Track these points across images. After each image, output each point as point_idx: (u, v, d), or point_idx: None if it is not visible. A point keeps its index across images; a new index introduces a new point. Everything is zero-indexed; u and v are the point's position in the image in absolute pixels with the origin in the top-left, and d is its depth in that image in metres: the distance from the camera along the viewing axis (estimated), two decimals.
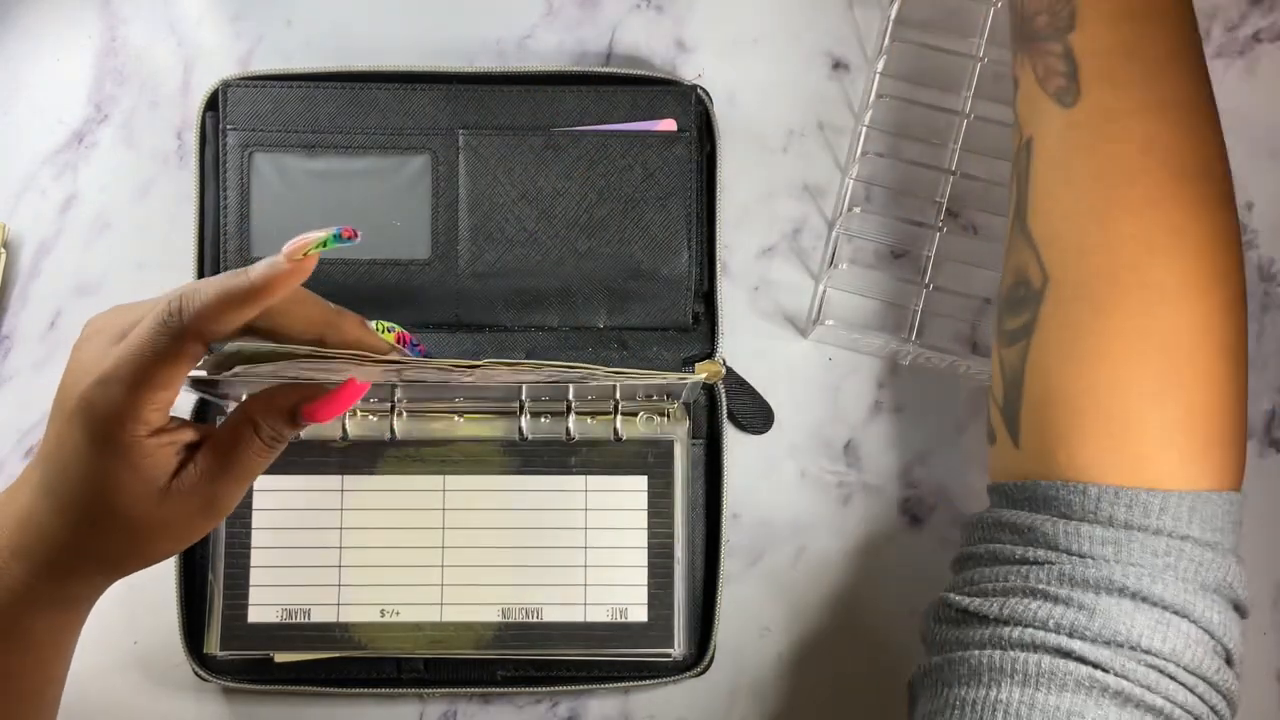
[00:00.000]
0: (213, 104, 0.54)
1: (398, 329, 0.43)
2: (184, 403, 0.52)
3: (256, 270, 0.37)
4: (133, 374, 0.37)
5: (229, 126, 0.54)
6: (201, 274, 0.54)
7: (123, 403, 0.37)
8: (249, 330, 0.40)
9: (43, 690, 0.42)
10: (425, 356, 0.44)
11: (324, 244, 0.37)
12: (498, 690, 0.53)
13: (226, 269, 0.53)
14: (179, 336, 0.37)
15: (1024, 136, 0.46)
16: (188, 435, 0.40)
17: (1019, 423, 0.44)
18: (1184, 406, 0.42)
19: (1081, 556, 0.41)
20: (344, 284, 0.53)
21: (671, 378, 0.48)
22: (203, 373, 0.40)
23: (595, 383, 0.47)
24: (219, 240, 0.54)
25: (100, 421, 0.37)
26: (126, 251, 0.57)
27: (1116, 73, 0.43)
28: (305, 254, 0.37)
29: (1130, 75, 0.43)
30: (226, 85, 0.54)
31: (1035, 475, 0.43)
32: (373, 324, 0.43)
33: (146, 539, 0.40)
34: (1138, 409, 0.41)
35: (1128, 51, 0.43)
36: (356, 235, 0.38)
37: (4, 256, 0.56)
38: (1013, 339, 0.45)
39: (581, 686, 0.53)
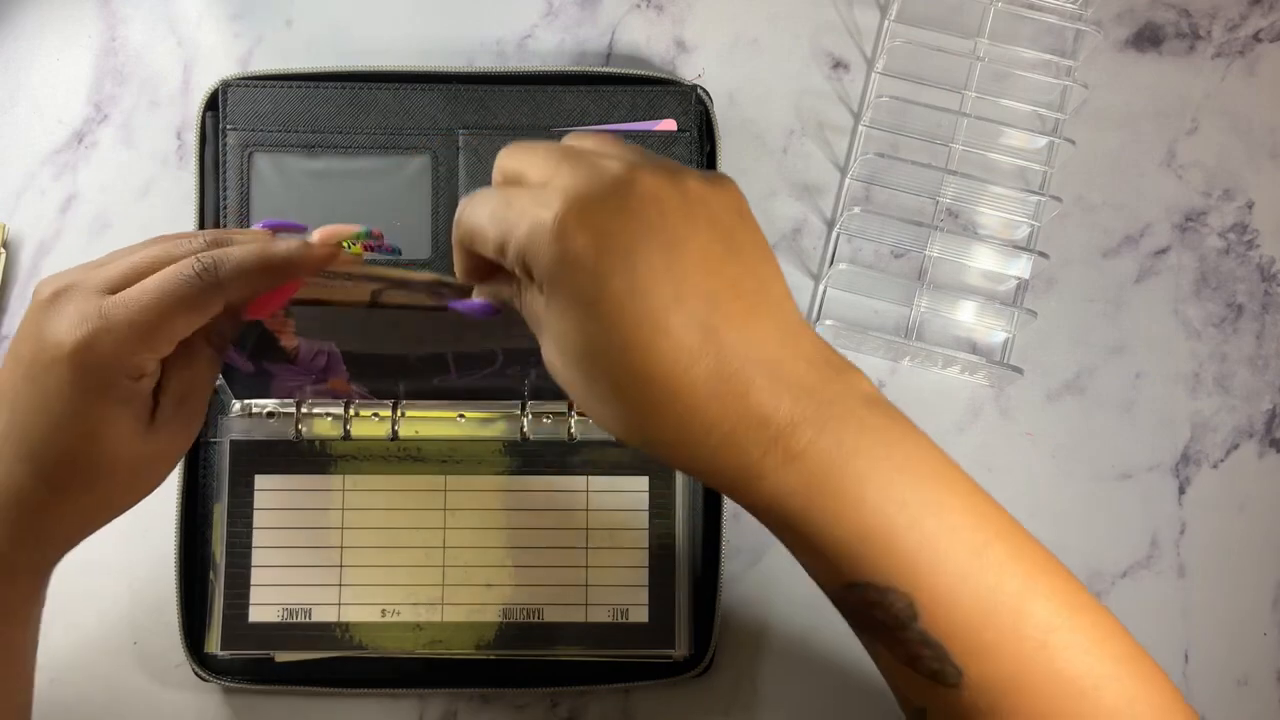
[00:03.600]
0: (213, 104, 0.54)
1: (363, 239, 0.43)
2: None
3: (290, 246, 0.38)
4: (151, 321, 0.37)
5: (229, 126, 0.54)
6: None
7: (129, 351, 0.37)
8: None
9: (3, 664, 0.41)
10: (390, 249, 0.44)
11: (355, 238, 0.40)
12: (498, 690, 0.53)
13: None
14: (209, 290, 0.37)
15: (914, 705, 0.37)
16: (153, 365, 0.40)
17: None
18: None
19: None
20: None
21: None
22: None
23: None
24: None
25: (102, 368, 0.37)
26: None
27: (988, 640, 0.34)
28: (340, 243, 0.39)
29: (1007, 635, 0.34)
30: (226, 85, 0.54)
31: None
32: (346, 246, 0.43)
33: (134, 477, 0.40)
34: None
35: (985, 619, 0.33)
36: (384, 239, 0.40)
37: (4, 256, 0.56)
38: None
39: (582, 686, 0.53)
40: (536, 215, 0.31)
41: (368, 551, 0.51)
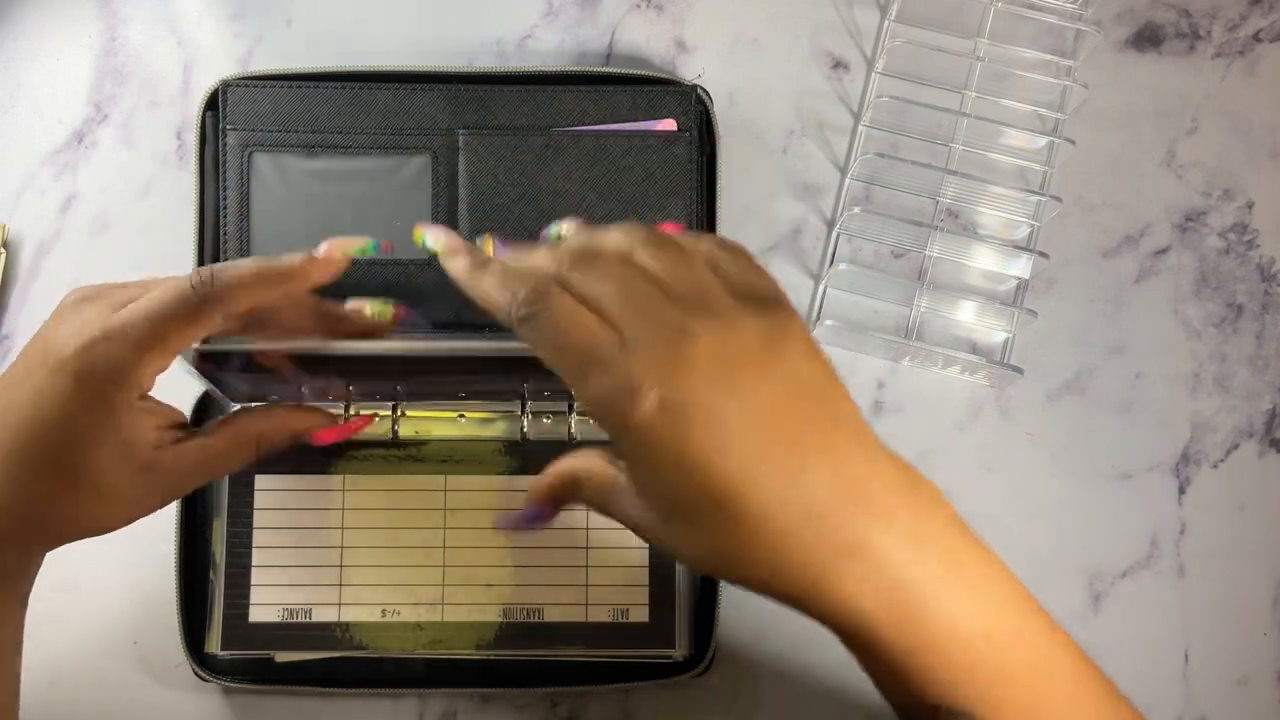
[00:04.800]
0: (213, 104, 0.54)
1: (392, 306, 0.44)
2: (184, 404, 0.52)
3: (291, 257, 0.40)
4: (145, 331, 0.37)
5: (229, 126, 0.54)
6: None
7: (125, 359, 0.37)
8: (252, 325, 0.41)
9: None
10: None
11: (362, 251, 0.41)
12: (498, 690, 0.53)
13: None
14: (204, 300, 0.38)
15: None
16: (176, 417, 0.41)
17: None
18: None
19: None
20: (344, 283, 0.53)
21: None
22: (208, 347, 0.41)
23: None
24: (219, 240, 0.54)
25: (96, 377, 0.37)
26: (126, 251, 0.57)
27: None
28: (344, 253, 0.41)
29: None
30: (226, 85, 0.54)
31: None
32: (367, 307, 0.44)
33: (103, 505, 0.39)
34: None
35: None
36: (391, 250, 0.42)
37: (4, 256, 0.56)
38: None
39: (582, 686, 0.53)
40: (612, 382, 0.31)
41: (368, 551, 0.51)
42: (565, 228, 0.40)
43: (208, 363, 0.42)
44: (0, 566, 0.40)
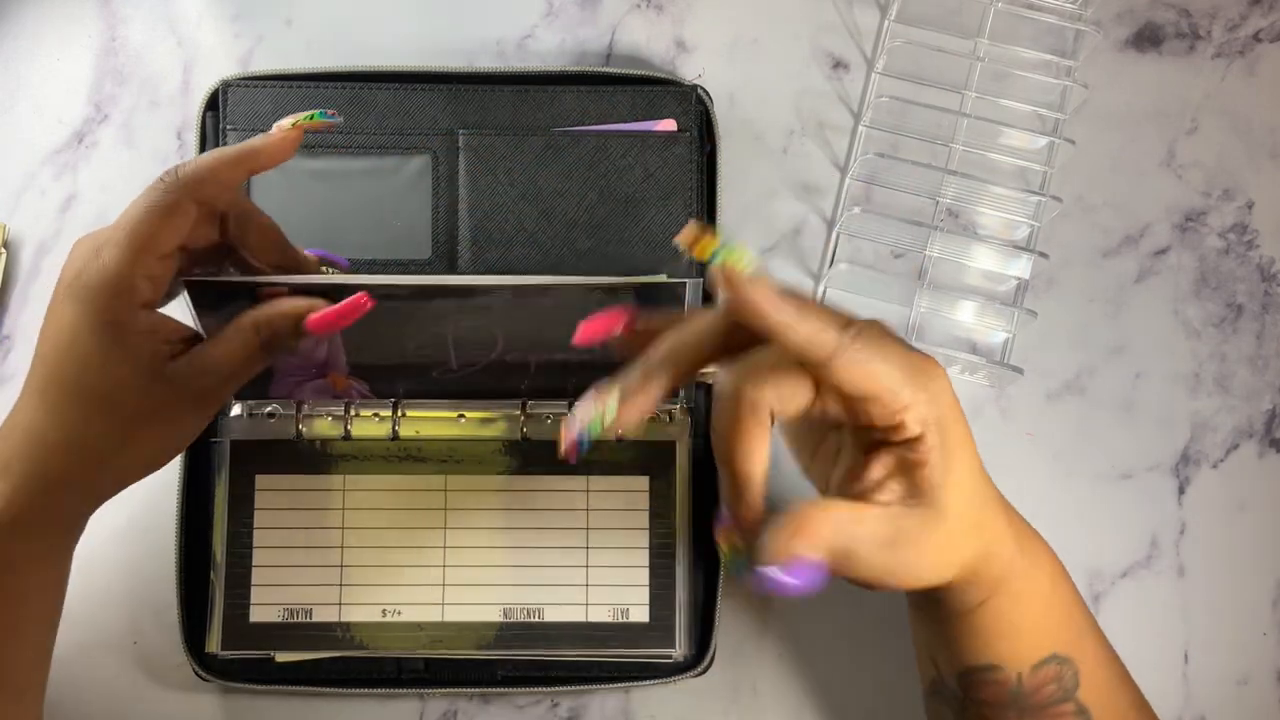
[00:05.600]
0: (213, 104, 0.54)
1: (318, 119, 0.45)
2: None
3: (250, 140, 0.42)
4: (128, 236, 0.39)
5: (229, 126, 0.54)
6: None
7: (116, 268, 0.39)
8: (222, 249, 0.43)
9: (22, 628, 0.42)
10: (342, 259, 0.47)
11: (310, 117, 0.43)
12: (498, 690, 0.53)
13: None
14: (172, 190, 0.39)
15: None
16: (182, 330, 0.41)
17: None
18: None
19: None
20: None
21: (660, 278, 0.47)
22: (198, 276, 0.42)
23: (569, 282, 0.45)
24: None
25: (94, 293, 0.39)
26: None
27: (1119, 705, 0.44)
28: (294, 124, 0.42)
29: (1126, 702, 0.44)
30: (226, 85, 0.54)
31: None
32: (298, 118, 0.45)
33: (134, 425, 0.40)
34: None
35: (1120, 681, 0.45)
36: (338, 116, 0.44)
37: (4, 256, 0.56)
38: None
39: (582, 686, 0.53)
40: (937, 408, 0.37)
41: (368, 551, 0.51)
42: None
43: (204, 299, 0.42)
44: (60, 512, 0.41)
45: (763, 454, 0.36)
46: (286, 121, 0.43)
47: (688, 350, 0.37)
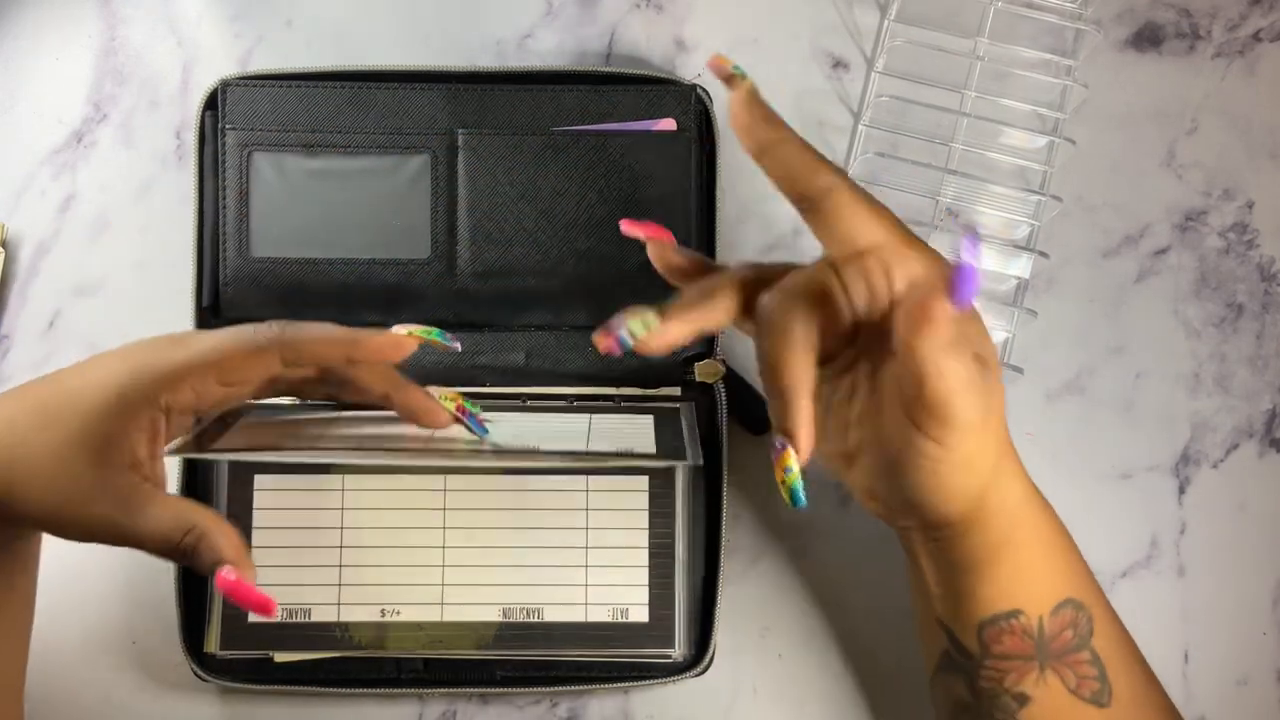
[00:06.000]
0: (212, 104, 0.54)
1: (460, 399, 0.47)
2: None
3: (362, 331, 0.43)
4: (211, 348, 0.41)
5: (228, 126, 0.54)
6: (200, 273, 0.54)
7: (185, 360, 0.40)
8: (327, 377, 0.45)
9: None
10: (481, 425, 0.48)
11: (429, 334, 0.45)
12: (498, 690, 0.53)
13: (226, 269, 0.53)
14: (272, 341, 0.42)
15: None
16: (159, 477, 0.41)
17: None
18: None
19: None
20: (344, 283, 0.53)
21: (659, 464, 0.49)
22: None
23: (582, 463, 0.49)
24: (218, 240, 0.54)
25: (150, 368, 0.40)
26: (126, 251, 0.57)
27: (1126, 657, 0.45)
28: (409, 334, 0.44)
29: (1130, 655, 0.45)
30: (226, 85, 0.54)
31: None
32: (435, 392, 0.46)
33: (71, 485, 0.40)
34: None
35: (1126, 635, 0.45)
36: (456, 342, 0.46)
37: (3, 256, 0.56)
38: None
39: (581, 686, 0.53)
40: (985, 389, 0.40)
41: (367, 551, 0.51)
42: None
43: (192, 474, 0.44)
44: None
45: (810, 361, 0.39)
46: (403, 329, 0.44)
47: (721, 294, 0.42)
